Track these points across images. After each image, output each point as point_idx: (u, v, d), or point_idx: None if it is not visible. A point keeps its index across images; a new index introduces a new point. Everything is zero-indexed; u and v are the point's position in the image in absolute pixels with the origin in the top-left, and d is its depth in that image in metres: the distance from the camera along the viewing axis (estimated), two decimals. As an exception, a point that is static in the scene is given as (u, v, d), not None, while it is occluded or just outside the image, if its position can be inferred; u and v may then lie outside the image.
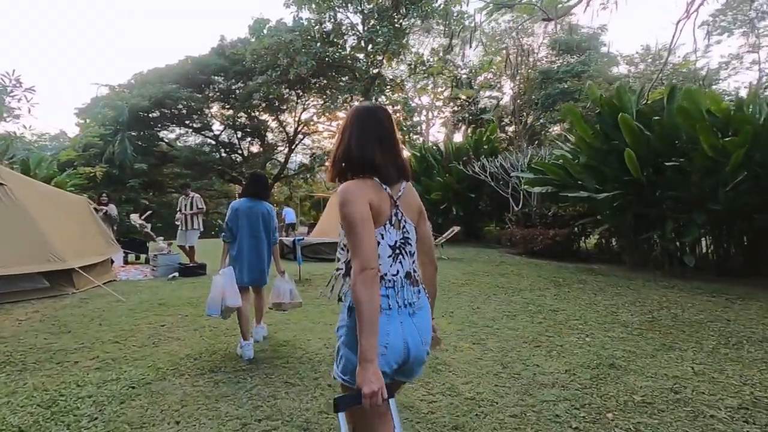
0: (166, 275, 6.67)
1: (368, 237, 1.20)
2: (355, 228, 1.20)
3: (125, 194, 20.90)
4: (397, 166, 1.36)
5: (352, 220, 1.21)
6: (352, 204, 1.22)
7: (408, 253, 1.36)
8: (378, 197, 1.29)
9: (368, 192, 1.27)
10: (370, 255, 1.18)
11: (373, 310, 1.15)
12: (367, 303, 1.14)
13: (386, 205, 1.31)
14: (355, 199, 1.23)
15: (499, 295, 5.78)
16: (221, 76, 25.08)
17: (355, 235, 1.20)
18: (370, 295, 1.15)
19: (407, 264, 1.35)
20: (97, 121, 21.40)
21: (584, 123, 8.33)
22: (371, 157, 1.31)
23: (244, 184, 3.65)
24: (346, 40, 22.26)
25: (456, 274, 7.52)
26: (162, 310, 4.69)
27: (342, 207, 1.23)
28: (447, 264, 8.87)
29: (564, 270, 8.09)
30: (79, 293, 5.49)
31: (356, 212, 1.21)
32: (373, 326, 1.14)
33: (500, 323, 4.35)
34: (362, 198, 1.24)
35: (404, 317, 1.29)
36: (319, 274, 7.36)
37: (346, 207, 1.22)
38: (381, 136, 1.35)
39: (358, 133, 1.34)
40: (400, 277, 1.32)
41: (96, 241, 6.29)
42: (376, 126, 1.36)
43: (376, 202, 1.28)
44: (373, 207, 1.26)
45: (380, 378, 1.13)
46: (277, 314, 4.48)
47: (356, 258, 1.18)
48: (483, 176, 12.05)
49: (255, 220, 3.36)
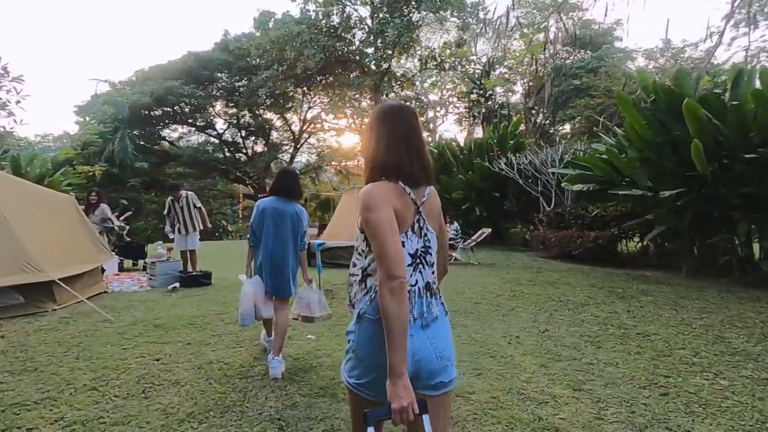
0: (165, 286, 5.76)
1: (394, 243, 1.14)
2: (381, 233, 1.14)
3: (125, 194, 20.02)
4: (423, 169, 1.29)
5: (376, 225, 1.15)
6: (377, 209, 1.17)
7: (428, 263, 1.29)
8: (402, 203, 1.23)
9: (392, 197, 1.21)
10: (398, 263, 1.13)
11: (403, 323, 1.10)
12: (395, 315, 1.09)
13: (410, 212, 1.25)
14: (380, 203, 1.18)
15: (562, 312, 4.83)
16: (225, 73, 24.24)
17: (381, 241, 1.14)
18: (399, 305, 1.10)
19: (427, 274, 1.29)
20: (97, 118, 20.57)
21: (637, 112, 7.36)
22: (397, 160, 1.25)
23: (272, 181, 3.23)
24: (354, 33, 21.35)
25: (497, 283, 6.57)
26: (158, 334, 3.77)
27: (365, 212, 1.18)
28: (481, 271, 7.91)
29: (615, 278, 7.14)
30: (60, 310, 4.57)
31: (381, 217, 1.16)
32: (402, 339, 1.10)
33: (588, 354, 3.40)
34: (386, 202, 1.19)
35: (415, 330, 1.22)
36: (341, 283, 6.44)
37: (370, 212, 1.17)
38: (407, 137, 1.29)
39: (384, 134, 1.29)
40: (418, 288, 1.25)
41: (84, 246, 5.38)
42: (403, 126, 1.30)
43: (400, 208, 1.22)
44: (396, 213, 1.20)
45: (410, 393, 1.09)
46: (305, 344, 3.55)
47: (382, 266, 1.12)
48: (511, 173, 11.09)
49: (282, 223, 3.00)
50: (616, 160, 7.90)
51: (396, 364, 1.08)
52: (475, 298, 5.48)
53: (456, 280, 6.83)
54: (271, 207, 3.01)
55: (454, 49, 22.01)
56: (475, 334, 3.97)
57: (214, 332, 3.85)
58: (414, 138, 1.29)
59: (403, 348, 1.09)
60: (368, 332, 1.21)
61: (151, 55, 63.51)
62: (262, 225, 3.01)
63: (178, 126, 26.29)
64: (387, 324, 1.09)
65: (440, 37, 24.10)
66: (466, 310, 4.82)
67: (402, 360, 1.09)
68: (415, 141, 1.29)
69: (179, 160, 24.37)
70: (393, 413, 1.07)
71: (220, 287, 5.93)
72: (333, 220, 12.32)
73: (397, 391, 1.07)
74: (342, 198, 12.82)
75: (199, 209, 6.63)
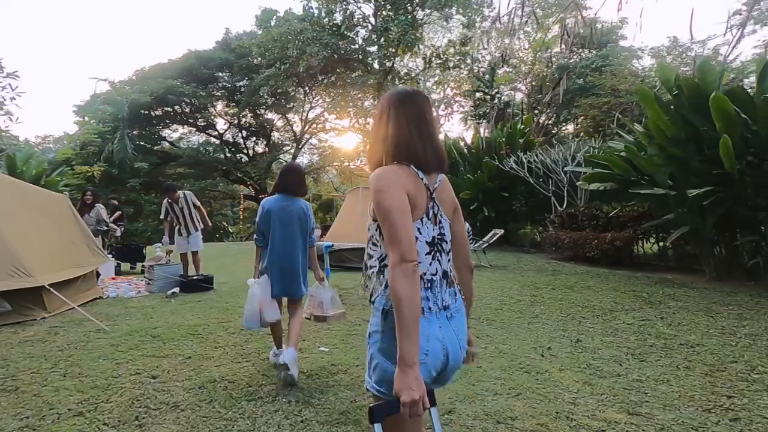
0: (164, 291, 5.42)
1: (407, 225, 1.09)
2: (392, 215, 1.09)
3: (125, 195, 19.71)
4: (436, 154, 1.25)
5: (387, 207, 1.10)
6: (388, 190, 1.12)
7: (444, 251, 1.25)
8: (415, 187, 1.17)
9: (405, 180, 1.16)
10: (409, 245, 1.07)
11: (415, 307, 1.04)
12: (408, 299, 1.03)
13: (423, 196, 1.20)
14: (392, 185, 1.13)
15: (590, 319, 4.49)
16: (226, 72, 23.89)
17: (392, 223, 1.08)
18: (411, 289, 1.04)
19: (444, 262, 1.24)
20: (96, 117, 20.26)
21: (659, 107, 7.02)
22: (409, 144, 1.21)
23: (276, 179, 3.08)
24: (357, 32, 21.03)
25: (514, 287, 6.23)
26: (156, 347, 3.43)
27: (377, 194, 1.13)
28: (494, 274, 7.57)
29: (636, 281, 6.80)
30: (50, 318, 4.24)
31: (393, 199, 1.11)
32: (414, 325, 1.03)
33: (633, 369, 3.05)
34: (399, 185, 1.14)
35: (443, 321, 1.18)
36: (350, 287, 6.09)
37: (382, 194, 1.12)
38: (420, 122, 1.24)
39: (396, 118, 1.23)
40: (438, 277, 1.21)
41: (77, 249, 5.05)
42: (415, 110, 1.25)
43: (413, 192, 1.16)
44: (410, 197, 1.14)
45: (422, 384, 1.01)
46: (318, 358, 3.21)
47: (393, 249, 1.07)
48: (521, 172, 10.74)
49: (289, 221, 2.89)
50: (635, 158, 7.56)
51: (408, 353, 1.01)
52: (494, 304, 5.14)
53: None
54: (277, 205, 2.90)
55: (458, 47, 21.68)
56: (502, 344, 3.63)
57: (216, 344, 3.52)
58: (427, 123, 1.25)
59: (416, 335, 1.03)
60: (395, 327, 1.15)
61: (151, 54, 63.28)
62: (268, 225, 2.90)
63: (179, 126, 25.96)
64: (399, 309, 1.03)
65: (442, 37, 23.82)
66: (488, 318, 4.48)
67: (415, 348, 1.03)
68: (427, 126, 1.25)
69: (179, 161, 24.02)
70: (403, 406, 0.99)
71: (223, 292, 5.59)
72: (337, 220, 11.98)
73: (407, 382, 1.00)
74: (346, 198, 12.49)
75: (199, 208, 6.30)
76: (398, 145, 1.21)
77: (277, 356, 2.92)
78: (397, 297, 1.03)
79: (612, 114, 19.75)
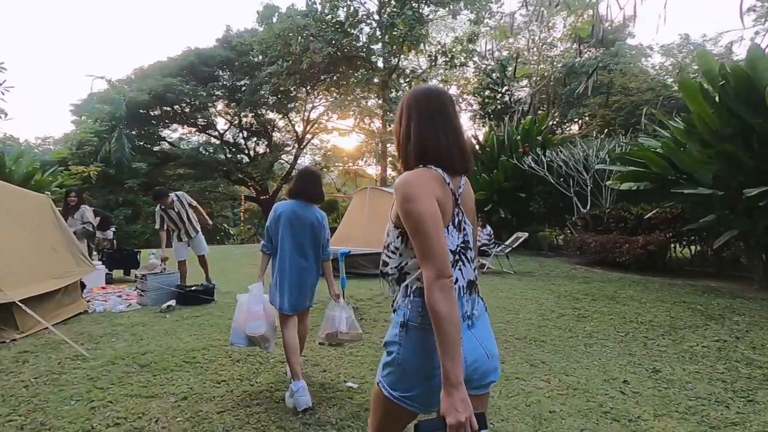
0: (158, 304, 4.77)
1: (441, 238, 1.03)
2: (425, 227, 1.03)
3: (123, 195, 19.08)
4: (463, 157, 1.19)
5: (419, 217, 1.04)
6: (419, 199, 1.05)
7: (468, 259, 1.19)
8: (443, 193, 1.12)
9: (434, 186, 1.10)
10: (445, 260, 1.02)
11: (457, 326, 1.00)
12: (449, 317, 0.98)
13: (449, 202, 1.14)
14: (422, 192, 1.07)
15: (655, 340, 3.84)
16: (226, 71, 23.29)
17: (426, 235, 1.03)
18: (452, 306, 0.99)
19: (468, 271, 1.19)
20: (93, 116, 19.63)
21: (703, 99, 6.39)
22: (435, 144, 1.16)
23: (292, 183, 2.84)
24: (361, 29, 20.44)
25: (549, 298, 5.59)
26: (143, 381, 2.78)
27: (405, 203, 1.06)
28: (521, 281, 6.91)
29: (680, 290, 6.17)
30: (22, 340, 3.59)
31: (425, 208, 1.04)
32: (458, 345, 0.99)
33: (748, 414, 2.41)
34: (429, 192, 1.08)
35: (463, 330, 1.09)
36: (368, 299, 5.46)
37: (412, 203, 1.05)
38: (446, 123, 1.18)
39: (421, 118, 1.18)
40: (459, 286, 1.14)
41: (59, 258, 4.40)
42: (441, 109, 1.19)
43: (441, 198, 1.10)
44: (439, 204, 1.08)
45: (468, 406, 0.97)
46: (347, 398, 2.56)
47: (429, 264, 1.02)
48: (541, 171, 10.11)
49: (302, 230, 2.66)
50: (675, 155, 6.93)
51: (452, 373, 0.97)
52: (536, 320, 4.49)
53: (500, 294, 5.84)
54: (290, 211, 2.67)
55: (465, 44, 21.09)
56: (565, 375, 2.99)
57: (218, 376, 2.87)
58: (452, 122, 1.19)
59: (459, 354, 0.99)
60: (415, 342, 1.10)
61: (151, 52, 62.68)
62: (278, 231, 2.66)
63: (179, 126, 25.33)
64: (440, 328, 0.98)
65: (446, 36, 23.28)
66: (536, 338, 3.83)
67: (459, 368, 0.98)
68: (453, 125, 1.19)
69: (179, 161, 23.39)
70: (449, 429, 0.95)
71: (225, 305, 4.94)
72: (344, 223, 11.36)
73: (453, 404, 0.95)
74: (353, 199, 11.89)
75: (195, 207, 5.65)
76: (423, 145, 1.16)
77: (296, 394, 2.38)
78: (438, 316, 0.99)
79: (622, 113, 19.17)
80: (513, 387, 2.77)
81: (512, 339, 3.80)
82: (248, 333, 2.60)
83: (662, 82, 21.30)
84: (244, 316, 2.63)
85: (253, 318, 2.61)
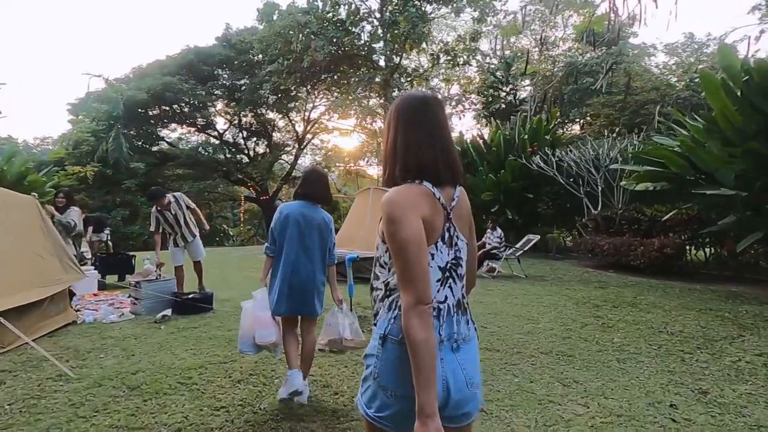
0: (152, 314, 4.45)
1: (423, 264, 0.99)
2: (407, 252, 0.99)
3: (120, 196, 18.74)
4: (452, 168, 1.12)
5: (402, 241, 0.99)
6: (403, 222, 1.00)
7: (458, 276, 1.14)
8: (431, 210, 1.06)
9: (420, 204, 1.04)
10: (426, 286, 0.99)
11: (433, 355, 0.96)
12: (425, 345, 0.95)
13: (439, 219, 1.08)
14: (407, 215, 1.01)
15: (693, 354, 3.53)
16: (226, 70, 22.97)
17: (407, 261, 0.99)
18: (428, 334, 0.96)
19: (457, 290, 1.13)
20: (90, 115, 19.29)
21: (726, 95, 6.10)
22: (422, 158, 1.09)
23: (299, 184, 2.73)
24: (363, 27, 20.13)
25: (567, 305, 5.28)
26: (132, 408, 2.46)
27: (389, 224, 1.02)
28: (534, 286, 6.60)
29: (702, 296, 5.87)
30: (1, 356, 3.27)
31: (408, 232, 0.99)
32: (433, 374, 0.95)
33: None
34: (414, 212, 1.02)
35: (446, 352, 1.06)
36: (376, 307, 5.13)
37: (395, 225, 1.00)
38: (433, 131, 1.12)
39: (406, 129, 1.12)
40: (447, 305, 1.10)
41: (45, 264, 4.08)
42: (428, 119, 1.12)
43: (429, 216, 1.05)
44: (426, 222, 1.03)
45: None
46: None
47: (408, 289, 0.98)
48: (550, 172, 9.80)
49: (309, 232, 2.56)
50: (694, 154, 6.63)
51: (426, 404, 0.94)
52: (559, 331, 4.18)
53: (516, 301, 5.53)
54: (297, 212, 2.57)
55: (468, 42, 20.80)
56: (603, 398, 2.68)
57: (218, 401, 2.56)
58: (441, 132, 1.13)
59: (433, 384, 0.95)
60: (393, 356, 1.06)
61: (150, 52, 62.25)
62: (284, 232, 2.55)
63: (178, 126, 24.99)
64: (416, 356, 0.95)
65: (447, 35, 23.00)
66: (563, 353, 3.52)
67: (433, 398, 0.95)
68: (442, 135, 1.13)
69: (178, 161, 23.03)
70: None
71: (224, 314, 4.63)
72: (346, 224, 11.06)
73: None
74: (355, 200, 11.60)
75: (194, 210, 5.33)
76: (409, 158, 1.09)
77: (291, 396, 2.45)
78: (414, 343, 0.95)
79: (626, 112, 18.89)
80: (549, 414, 2.46)
81: (537, 354, 3.49)
82: (258, 342, 2.49)
83: (666, 81, 21.09)
84: (250, 323, 2.51)
85: (261, 325, 2.49)
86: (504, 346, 3.67)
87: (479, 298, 5.65)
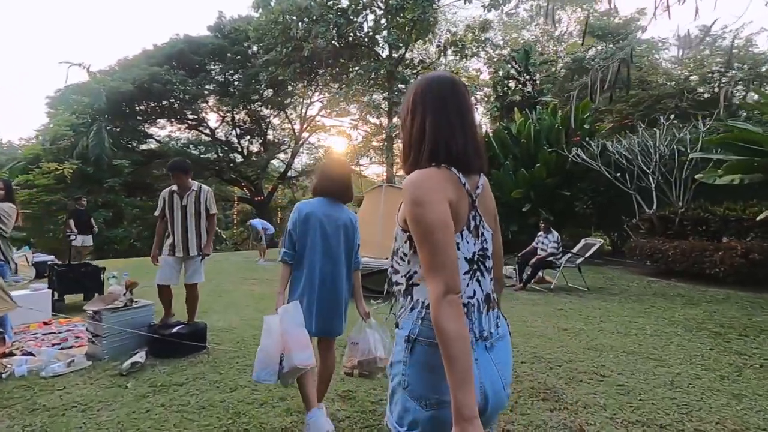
0: (118, 358, 3.07)
1: (451, 249, 0.89)
2: (434, 236, 0.89)
3: (102, 196, 17.16)
4: (477, 153, 1.04)
5: (428, 225, 0.90)
6: (430, 204, 0.91)
7: (486, 270, 1.05)
8: (457, 195, 0.97)
9: (447, 187, 0.96)
10: (455, 274, 0.89)
11: (468, 348, 0.84)
12: (459, 338, 0.83)
13: (464, 206, 0.99)
14: (434, 196, 0.92)
15: None
16: (218, 63, 21.52)
17: (434, 245, 0.89)
18: (461, 326, 0.85)
19: (486, 283, 1.04)
20: (69, 108, 17.71)
21: None
22: (449, 141, 1.00)
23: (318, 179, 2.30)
24: (366, 16, 18.88)
25: (679, 333, 3.98)
26: None
27: (414, 207, 0.92)
28: (614, 305, 5.16)
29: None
30: None
31: (435, 215, 0.90)
32: (469, 370, 0.83)
33: None
34: (441, 195, 0.93)
35: (480, 352, 0.96)
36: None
37: (420, 208, 0.92)
38: (461, 114, 1.02)
39: (433, 110, 1.02)
40: (477, 300, 1.00)
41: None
42: (455, 101, 1.03)
43: (455, 201, 0.96)
44: (451, 208, 0.94)
45: None
46: None
47: (436, 277, 0.88)
48: (594, 165, 8.56)
49: (335, 234, 2.19)
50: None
51: (464, 405, 0.81)
52: (710, 381, 2.87)
53: (604, 326, 4.20)
54: (320, 211, 2.20)
55: (477, 32, 19.64)
56: None
57: None
58: (468, 116, 1.04)
59: (471, 381, 0.83)
60: (424, 360, 0.94)
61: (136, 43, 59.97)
62: (305, 235, 2.17)
63: (167, 123, 23.44)
64: (449, 350, 0.83)
65: (453, 27, 21.87)
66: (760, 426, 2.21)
67: (472, 398, 0.82)
68: (469, 120, 1.04)
69: (166, 159, 21.49)
70: None
71: (223, 355, 3.25)
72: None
73: None
74: (365, 199, 10.28)
75: (212, 218, 3.85)
76: (435, 142, 1.00)
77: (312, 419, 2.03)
78: (446, 335, 0.83)
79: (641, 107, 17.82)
80: None
81: None
82: (298, 365, 1.97)
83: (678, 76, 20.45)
84: (277, 343, 1.96)
85: (300, 346, 1.98)
86: (663, 418, 2.36)
87: (554, 322, 4.34)
